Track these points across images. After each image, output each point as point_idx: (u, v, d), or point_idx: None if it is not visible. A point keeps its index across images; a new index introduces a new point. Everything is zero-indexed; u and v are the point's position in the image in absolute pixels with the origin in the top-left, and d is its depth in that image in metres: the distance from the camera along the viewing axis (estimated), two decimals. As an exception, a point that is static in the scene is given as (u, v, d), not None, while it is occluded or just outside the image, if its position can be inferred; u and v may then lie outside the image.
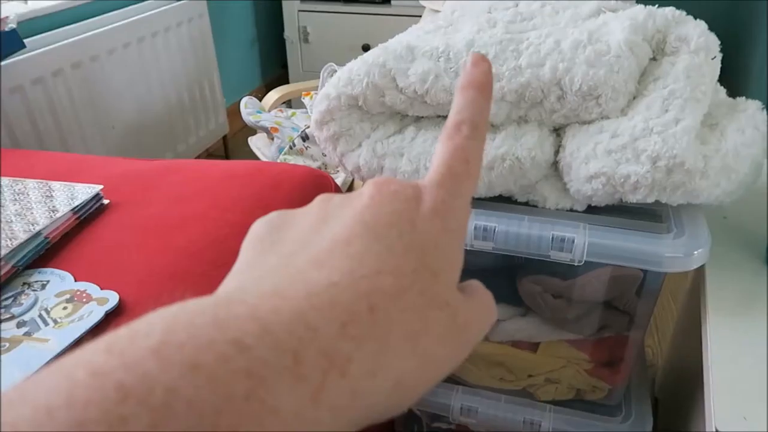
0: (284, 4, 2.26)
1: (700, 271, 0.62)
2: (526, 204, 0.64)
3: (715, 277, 0.60)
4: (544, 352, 0.71)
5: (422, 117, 0.67)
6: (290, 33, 2.31)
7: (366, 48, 2.12)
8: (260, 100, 1.51)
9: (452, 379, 0.78)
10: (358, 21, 2.20)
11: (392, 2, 2.18)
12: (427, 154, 0.63)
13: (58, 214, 0.64)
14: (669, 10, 0.62)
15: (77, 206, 0.68)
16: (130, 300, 0.59)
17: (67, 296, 0.57)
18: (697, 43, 0.58)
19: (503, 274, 0.70)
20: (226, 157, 2.15)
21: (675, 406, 0.84)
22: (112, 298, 0.56)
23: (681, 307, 0.99)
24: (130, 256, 0.65)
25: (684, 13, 0.62)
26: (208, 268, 0.64)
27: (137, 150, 1.63)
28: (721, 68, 0.60)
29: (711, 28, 0.60)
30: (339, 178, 1.15)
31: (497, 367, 0.73)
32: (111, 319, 0.56)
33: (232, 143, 2.17)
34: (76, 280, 0.60)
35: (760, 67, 1.83)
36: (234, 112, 1.88)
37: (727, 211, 0.70)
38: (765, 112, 0.57)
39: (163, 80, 1.73)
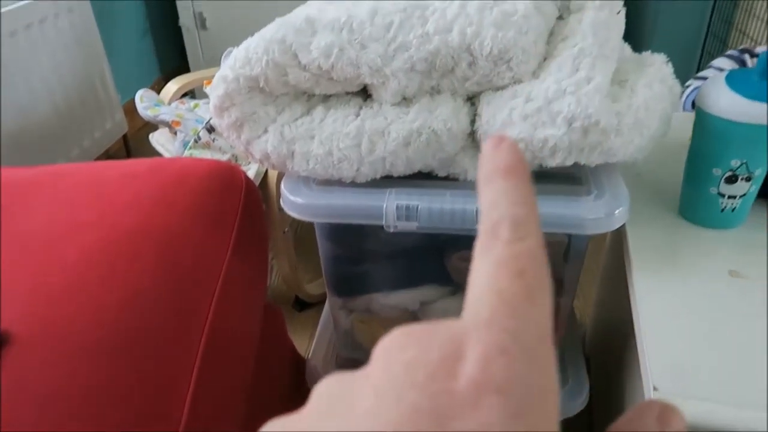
0: (176, -11, 2.12)
1: (620, 230, 0.63)
2: (447, 178, 0.62)
3: (635, 234, 0.61)
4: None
5: (330, 95, 0.63)
6: (186, 20, 2.17)
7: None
8: (159, 94, 1.40)
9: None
10: (258, 2, 2.10)
11: (292, -17, 2.09)
12: (339, 134, 0.59)
13: None
14: (570, -31, 0.61)
15: (-60, 226, 0.59)
16: (15, 327, 0.51)
17: (-67, 333, 0.48)
18: (600, -1, 0.57)
19: (430, 253, 0.68)
20: (128, 157, 2.00)
21: (604, 362, 0.86)
22: (-10, 329, 0.49)
23: (602, 266, 1.02)
24: (11, 276, 0.57)
25: (585, -30, 0.61)
26: (105, 275, 0.57)
27: (23, 161, 1.47)
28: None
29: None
30: (251, 170, 1.09)
31: (433, 349, 0.71)
32: (-9, 352, 0.48)
33: (134, 142, 2.03)
34: (-56, 313, 0.51)
35: (662, 20, 1.92)
36: (133, 110, 1.74)
37: (640, 168, 0.71)
38: (670, 65, 0.57)
39: (46, 79, 1.57)
